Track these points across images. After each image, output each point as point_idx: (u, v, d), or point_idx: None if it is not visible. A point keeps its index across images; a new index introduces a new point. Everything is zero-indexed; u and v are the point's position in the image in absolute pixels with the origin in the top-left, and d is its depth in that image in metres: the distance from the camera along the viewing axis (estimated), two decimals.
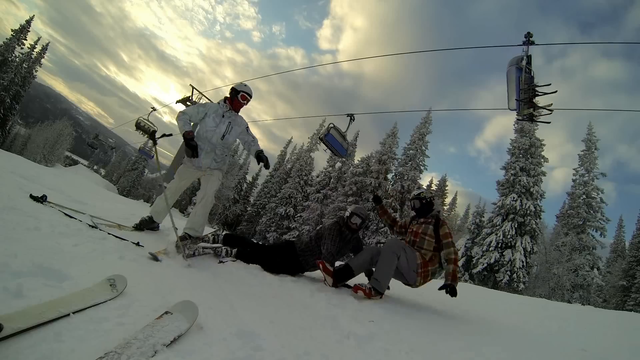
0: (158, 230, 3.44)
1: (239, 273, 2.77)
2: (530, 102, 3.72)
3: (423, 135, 23.45)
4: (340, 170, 27.54)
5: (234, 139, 3.36)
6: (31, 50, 31.45)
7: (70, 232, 2.34)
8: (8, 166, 5.00)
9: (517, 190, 17.94)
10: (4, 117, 30.50)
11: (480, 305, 4.77)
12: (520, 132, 18.98)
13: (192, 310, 1.50)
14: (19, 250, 1.67)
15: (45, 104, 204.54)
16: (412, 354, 1.84)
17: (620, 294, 20.22)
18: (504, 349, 2.39)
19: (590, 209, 17.85)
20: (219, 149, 3.27)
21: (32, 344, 1.08)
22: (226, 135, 3.25)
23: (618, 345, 3.17)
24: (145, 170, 46.40)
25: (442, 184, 32.71)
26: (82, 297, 1.41)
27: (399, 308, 3.01)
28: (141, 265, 2.17)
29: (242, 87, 3.32)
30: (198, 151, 3.06)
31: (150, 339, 1.23)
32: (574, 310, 5.61)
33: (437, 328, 2.68)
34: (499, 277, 16.81)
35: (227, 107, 3.28)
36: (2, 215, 2.17)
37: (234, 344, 1.41)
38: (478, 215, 21.59)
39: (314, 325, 1.96)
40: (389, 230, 3.64)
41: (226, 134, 3.25)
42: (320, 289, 2.96)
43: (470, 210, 31.54)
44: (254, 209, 32.35)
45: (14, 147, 38.69)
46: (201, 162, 3.24)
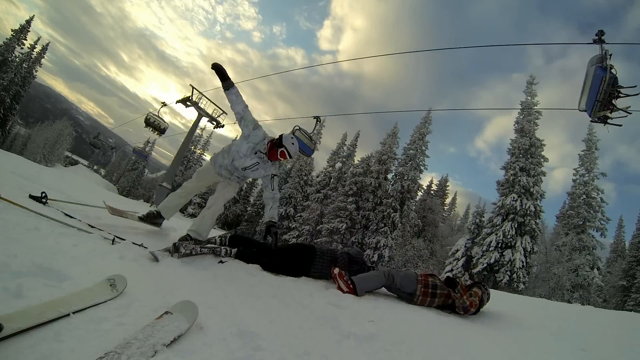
0: (160, 227, 3.43)
1: (239, 273, 2.77)
2: (609, 103, 3.56)
3: (423, 135, 23.46)
4: (341, 170, 27.55)
5: (254, 177, 3.26)
6: (31, 50, 31.47)
7: (70, 232, 2.34)
8: (8, 166, 5.00)
9: (517, 190, 17.94)
10: (4, 117, 30.51)
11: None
12: (520, 132, 18.98)
13: (192, 310, 1.50)
14: (19, 250, 1.67)
15: (45, 104, 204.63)
16: (412, 354, 1.84)
17: (620, 294, 20.23)
18: (504, 349, 2.39)
19: (590, 209, 17.85)
20: (237, 173, 3.19)
21: (32, 344, 1.08)
22: (247, 170, 3.12)
23: (618, 345, 3.17)
24: (145, 170, 46.42)
25: (443, 184, 32.73)
26: (82, 297, 1.41)
27: (399, 308, 3.01)
28: (141, 265, 2.17)
29: (289, 143, 3.00)
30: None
31: (150, 339, 1.23)
32: (574, 310, 5.61)
33: (437, 328, 2.68)
34: (499, 277, 16.81)
35: (264, 149, 3.06)
36: (2, 215, 2.17)
37: (234, 344, 1.41)
38: (478, 215, 21.59)
39: (314, 325, 1.96)
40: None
41: (248, 169, 3.12)
42: (320, 289, 2.96)
43: (470, 210, 31.55)
44: (254, 209, 32.37)
45: (14, 147, 38.69)
46: (222, 170, 3.19)
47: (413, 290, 3.08)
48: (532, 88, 19.35)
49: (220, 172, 3.20)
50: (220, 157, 3.22)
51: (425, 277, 3.16)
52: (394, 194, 22.70)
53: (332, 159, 29.03)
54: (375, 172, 23.62)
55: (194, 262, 2.64)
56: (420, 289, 3.06)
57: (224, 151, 3.24)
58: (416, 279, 3.13)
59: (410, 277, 3.14)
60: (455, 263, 19.35)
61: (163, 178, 20.95)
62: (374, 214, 22.92)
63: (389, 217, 22.08)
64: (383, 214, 22.44)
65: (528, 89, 19.41)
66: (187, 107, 18.21)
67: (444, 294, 3.06)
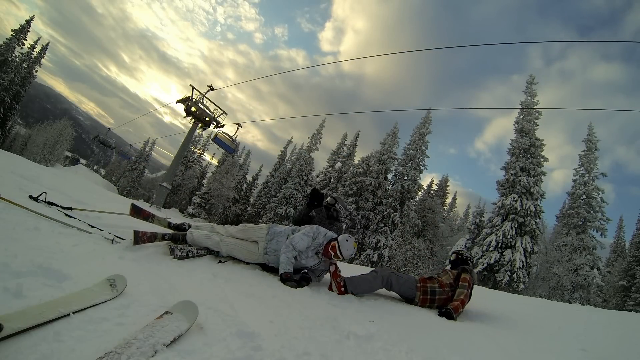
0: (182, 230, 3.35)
1: (239, 273, 2.77)
2: None
3: (423, 135, 23.45)
4: (340, 170, 27.55)
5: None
6: (31, 50, 31.45)
7: (70, 232, 2.34)
8: (8, 166, 5.00)
9: (517, 190, 17.92)
10: (4, 117, 30.49)
11: (480, 305, 4.76)
12: (520, 132, 18.97)
13: (192, 310, 1.50)
14: (19, 250, 1.67)
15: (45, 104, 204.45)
16: (412, 354, 1.84)
17: (620, 294, 20.24)
18: (504, 349, 2.39)
19: (590, 209, 17.85)
20: (297, 265, 3.05)
21: (32, 344, 1.08)
22: (311, 267, 3.09)
23: (618, 345, 3.17)
24: (145, 170, 46.42)
25: (443, 184, 32.73)
26: (82, 297, 1.41)
27: (399, 308, 3.01)
28: (141, 265, 2.17)
29: (344, 242, 2.92)
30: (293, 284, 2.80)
31: (150, 339, 1.23)
32: (574, 310, 5.61)
33: (437, 328, 2.68)
34: (499, 277, 16.80)
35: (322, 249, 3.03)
36: (2, 215, 2.17)
37: (234, 344, 1.40)
38: (478, 215, 21.59)
39: (314, 325, 1.96)
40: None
41: (312, 267, 3.09)
42: (320, 290, 2.96)
43: (470, 210, 31.55)
44: (254, 209, 32.35)
45: (14, 147, 38.68)
46: (270, 254, 3.05)
47: (412, 297, 3.17)
48: (532, 88, 19.34)
49: (267, 253, 3.00)
50: (281, 244, 2.99)
51: (424, 284, 3.19)
52: (394, 194, 22.70)
53: (332, 158, 29.02)
54: (375, 172, 23.62)
55: (194, 262, 2.64)
56: (419, 296, 3.15)
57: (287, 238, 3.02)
58: (415, 286, 3.17)
59: (409, 284, 3.18)
60: None
61: (163, 178, 20.97)
62: (374, 214, 22.90)
63: (389, 217, 22.08)
64: (383, 214, 22.44)
65: (528, 89, 19.41)
66: (187, 107, 18.20)
67: (442, 298, 3.15)
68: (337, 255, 2.92)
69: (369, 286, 3.11)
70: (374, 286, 3.13)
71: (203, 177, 37.94)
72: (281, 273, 2.82)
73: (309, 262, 3.04)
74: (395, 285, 3.17)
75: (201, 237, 2.98)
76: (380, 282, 3.14)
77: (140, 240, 2.47)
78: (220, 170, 33.30)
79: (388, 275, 3.18)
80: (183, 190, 35.12)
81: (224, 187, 30.41)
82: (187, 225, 3.35)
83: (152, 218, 3.35)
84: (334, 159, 28.96)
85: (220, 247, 3.01)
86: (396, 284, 3.17)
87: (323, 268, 3.15)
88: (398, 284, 3.17)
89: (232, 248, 3.03)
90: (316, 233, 3.01)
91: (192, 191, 35.82)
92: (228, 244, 3.03)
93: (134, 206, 3.31)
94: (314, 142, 30.01)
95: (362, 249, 22.09)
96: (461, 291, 3.16)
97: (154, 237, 2.67)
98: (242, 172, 35.21)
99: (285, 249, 2.90)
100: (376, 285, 3.14)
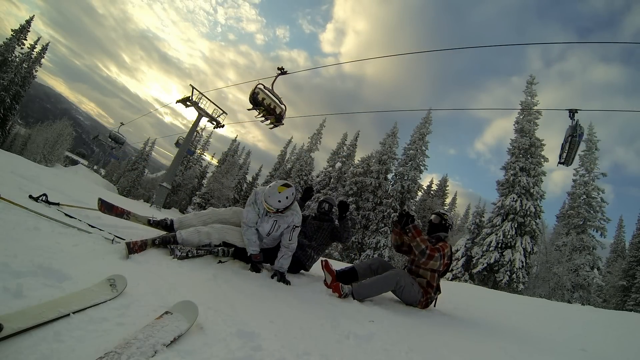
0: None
1: (239, 273, 2.77)
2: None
3: (423, 135, 23.47)
4: (341, 170, 27.55)
5: (281, 233, 3.04)
6: (31, 50, 31.45)
7: (70, 232, 2.34)
8: (8, 166, 5.00)
9: (517, 190, 17.94)
10: (4, 117, 30.50)
11: (480, 305, 4.77)
12: (520, 132, 18.98)
13: (192, 310, 1.50)
14: (19, 250, 1.67)
15: (45, 104, 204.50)
16: (412, 354, 1.84)
17: (620, 294, 20.25)
18: (504, 349, 2.39)
19: (590, 209, 17.86)
20: (267, 239, 3.09)
21: (32, 344, 1.08)
22: (272, 232, 3.01)
23: (618, 345, 3.17)
24: (145, 170, 46.41)
25: (443, 184, 32.74)
26: (82, 297, 1.41)
27: (399, 308, 3.02)
28: (141, 265, 2.17)
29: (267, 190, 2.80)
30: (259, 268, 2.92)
31: (150, 339, 1.23)
32: (574, 310, 5.61)
33: (437, 328, 2.68)
34: (499, 277, 16.81)
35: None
36: (2, 215, 2.17)
37: (234, 344, 1.40)
38: (478, 215, 21.58)
39: (314, 325, 1.96)
40: (394, 250, 3.45)
41: (271, 232, 3.00)
42: (321, 289, 2.96)
43: (470, 210, 31.55)
44: None
45: (14, 147, 38.66)
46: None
47: (414, 303, 3.16)
48: (532, 88, 19.35)
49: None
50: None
51: (427, 297, 3.15)
52: (394, 194, 22.71)
53: (332, 158, 29.01)
54: (375, 172, 23.63)
55: (194, 262, 2.64)
56: (422, 302, 3.15)
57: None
58: (418, 301, 3.13)
59: (413, 295, 3.12)
60: (455, 263, 19.34)
61: (163, 178, 20.95)
62: (374, 214, 22.92)
63: (389, 217, 22.08)
64: (383, 214, 22.44)
65: (528, 89, 19.42)
66: (187, 107, 18.22)
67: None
68: (268, 207, 2.77)
69: (378, 291, 3.02)
70: (384, 290, 3.03)
71: (203, 177, 37.93)
72: (249, 255, 2.91)
73: (265, 227, 2.95)
74: (402, 293, 3.12)
75: (190, 236, 2.84)
76: (394, 287, 3.06)
77: (132, 252, 2.37)
78: (220, 170, 33.32)
79: (404, 285, 3.05)
80: (183, 190, 35.11)
81: (224, 187, 30.42)
82: (168, 220, 3.17)
83: (128, 215, 3.10)
84: (334, 159, 28.97)
85: (211, 236, 2.90)
86: (403, 292, 3.10)
87: (285, 225, 2.97)
88: (406, 291, 3.09)
89: (225, 232, 2.96)
90: (253, 198, 2.93)
91: (192, 191, 35.81)
92: (220, 230, 2.95)
93: (102, 202, 2.97)
94: (314, 142, 30.03)
95: (362, 249, 22.10)
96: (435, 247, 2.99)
97: (144, 244, 2.51)
98: (242, 172, 35.23)
99: (242, 229, 2.92)
100: (388, 289, 3.06)
